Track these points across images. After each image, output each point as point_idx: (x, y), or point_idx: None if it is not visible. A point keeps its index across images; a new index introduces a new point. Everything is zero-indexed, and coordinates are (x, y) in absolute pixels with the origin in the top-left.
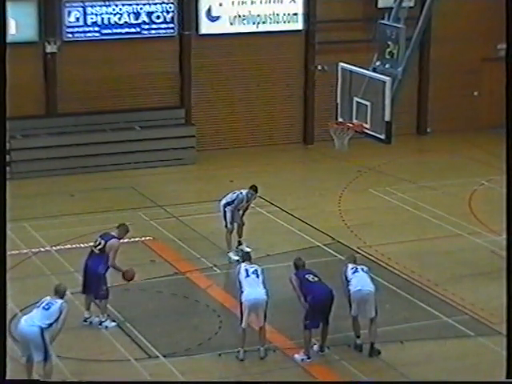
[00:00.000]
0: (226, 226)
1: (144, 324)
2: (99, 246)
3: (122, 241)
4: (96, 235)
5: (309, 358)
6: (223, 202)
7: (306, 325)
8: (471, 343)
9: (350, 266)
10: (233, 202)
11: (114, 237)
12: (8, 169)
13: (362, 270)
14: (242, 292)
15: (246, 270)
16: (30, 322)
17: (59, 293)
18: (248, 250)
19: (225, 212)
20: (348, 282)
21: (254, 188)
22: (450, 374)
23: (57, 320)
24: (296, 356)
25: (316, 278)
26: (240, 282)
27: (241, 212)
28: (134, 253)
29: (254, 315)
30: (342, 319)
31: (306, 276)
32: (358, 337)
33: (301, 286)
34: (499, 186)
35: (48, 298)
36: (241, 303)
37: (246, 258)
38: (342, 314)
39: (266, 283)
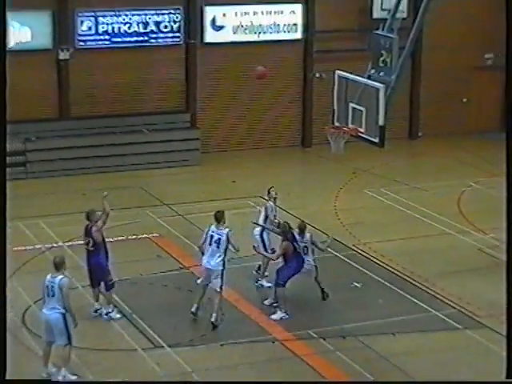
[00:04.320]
0: (266, 251)
1: (150, 316)
2: (90, 244)
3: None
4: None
5: (287, 314)
6: (256, 232)
7: (280, 282)
8: (458, 335)
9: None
10: (265, 221)
11: (91, 227)
12: (23, 169)
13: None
14: (202, 254)
15: (211, 237)
16: (51, 310)
17: (56, 266)
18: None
19: (263, 240)
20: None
21: (269, 189)
22: (438, 364)
23: (63, 299)
24: (274, 316)
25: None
26: (204, 243)
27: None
28: (142, 248)
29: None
30: (336, 312)
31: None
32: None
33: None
34: (486, 188)
35: (48, 276)
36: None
37: (217, 217)
38: (336, 307)
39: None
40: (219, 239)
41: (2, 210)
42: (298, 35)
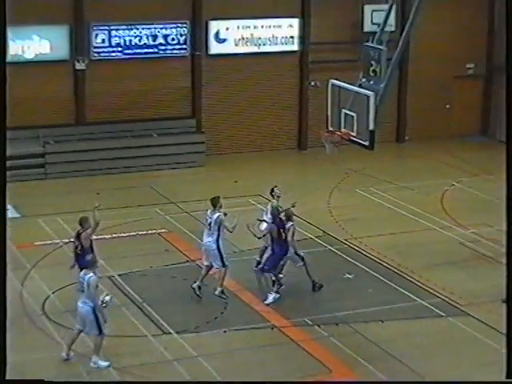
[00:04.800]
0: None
1: (159, 305)
2: (78, 248)
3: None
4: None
5: (278, 294)
6: (263, 227)
7: (265, 268)
8: (442, 322)
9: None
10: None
11: (82, 233)
12: (43, 170)
13: None
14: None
15: (206, 221)
16: (82, 303)
17: (89, 264)
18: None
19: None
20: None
21: (273, 188)
22: (423, 349)
23: (94, 298)
24: (268, 300)
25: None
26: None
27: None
28: (151, 243)
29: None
30: (329, 301)
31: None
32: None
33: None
34: (467, 187)
35: (81, 273)
36: None
37: (212, 202)
38: (330, 297)
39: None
40: (210, 222)
41: (2, 210)
42: (295, 47)
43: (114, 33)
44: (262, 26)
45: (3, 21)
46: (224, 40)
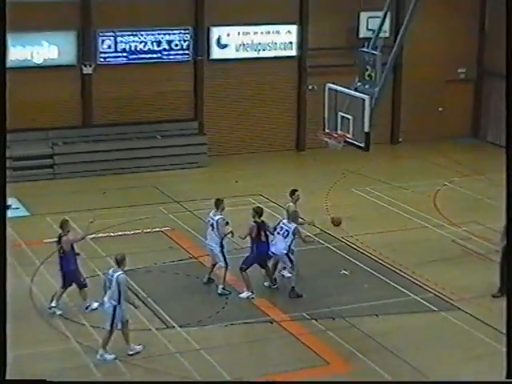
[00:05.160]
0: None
1: (163, 299)
2: (61, 251)
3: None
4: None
5: (253, 293)
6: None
7: (242, 267)
8: (435, 317)
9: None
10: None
11: (62, 237)
12: (51, 170)
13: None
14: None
15: (208, 221)
16: (108, 301)
17: (118, 262)
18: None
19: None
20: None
21: (293, 191)
22: (417, 342)
23: (120, 293)
24: (242, 295)
25: (264, 239)
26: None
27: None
28: (156, 240)
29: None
30: (326, 296)
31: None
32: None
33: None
34: (459, 187)
35: (110, 271)
36: None
37: (216, 204)
38: (327, 292)
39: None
40: (213, 224)
41: (2, 210)
42: (293, 52)
43: (119, 39)
44: (262, 32)
45: (3, 28)
46: (225, 45)
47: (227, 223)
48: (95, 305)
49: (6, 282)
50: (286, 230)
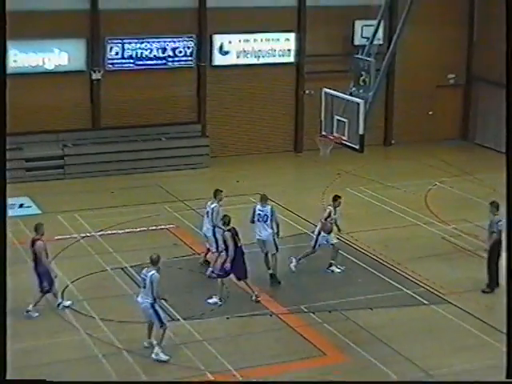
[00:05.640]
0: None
1: (168, 293)
2: (35, 254)
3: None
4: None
5: (221, 301)
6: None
7: (219, 274)
8: (426, 310)
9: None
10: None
11: (36, 240)
12: (62, 171)
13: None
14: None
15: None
16: (142, 300)
17: (153, 262)
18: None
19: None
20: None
21: (336, 197)
22: (409, 334)
23: (153, 291)
24: (210, 300)
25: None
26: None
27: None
28: (161, 238)
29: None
30: (323, 291)
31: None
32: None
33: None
34: (448, 186)
35: (144, 270)
36: None
37: (214, 194)
38: (323, 287)
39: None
40: (208, 212)
41: (2, 210)
42: (291, 59)
43: (126, 46)
44: (262, 40)
45: (3, 35)
46: (227, 52)
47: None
48: (67, 303)
49: (7, 282)
50: (265, 215)
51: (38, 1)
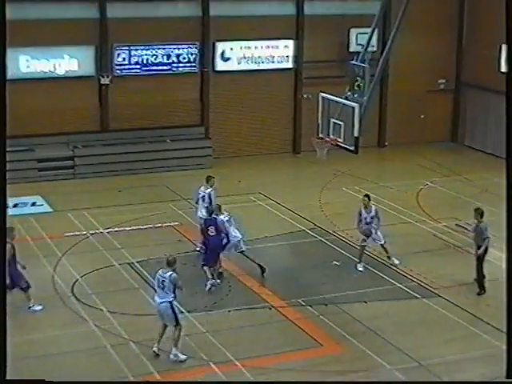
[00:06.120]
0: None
1: None
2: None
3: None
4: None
5: (214, 278)
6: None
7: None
8: (417, 303)
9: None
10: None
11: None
12: (72, 171)
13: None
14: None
15: (199, 194)
16: (161, 300)
17: (169, 264)
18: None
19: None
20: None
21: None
22: (401, 325)
23: (174, 290)
24: (207, 288)
25: (214, 232)
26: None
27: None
28: (166, 234)
29: None
30: (320, 285)
31: (209, 228)
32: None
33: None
34: (439, 186)
35: (160, 271)
36: None
37: (207, 179)
38: (320, 281)
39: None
40: (204, 196)
41: (2, 210)
42: (290, 65)
43: (133, 52)
44: (261, 47)
45: (3, 41)
46: (228, 59)
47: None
48: (38, 308)
49: (6, 282)
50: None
51: (50, 10)
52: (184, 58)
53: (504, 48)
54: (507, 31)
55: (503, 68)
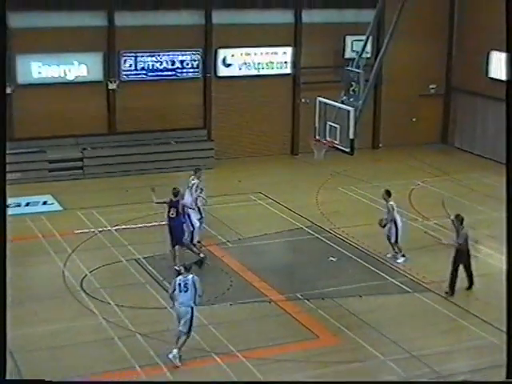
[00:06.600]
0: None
1: None
2: None
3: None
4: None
5: (200, 255)
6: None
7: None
8: (409, 297)
9: None
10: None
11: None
12: (81, 171)
13: None
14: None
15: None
16: (182, 305)
17: (187, 269)
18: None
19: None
20: None
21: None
22: (394, 318)
23: (196, 292)
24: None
25: (174, 215)
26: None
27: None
28: None
29: None
30: (317, 280)
31: (171, 210)
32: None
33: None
34: (430, 186)
35: (180, 277)
36: None
37: (195, 171)
38: (317, 276)
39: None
40: (192, 185)
41: (2, 209)
42: (288, 70)
43: (139, 59)
44: (261, 53)
45: (3, 44)
46: (230, 65)
47: (202, 190)
48: None
49: (6, 282)
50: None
51: (60, 18)
52: (187, 64)
53: (495, 54)
54: (507, 31)
55: (492, 73)
